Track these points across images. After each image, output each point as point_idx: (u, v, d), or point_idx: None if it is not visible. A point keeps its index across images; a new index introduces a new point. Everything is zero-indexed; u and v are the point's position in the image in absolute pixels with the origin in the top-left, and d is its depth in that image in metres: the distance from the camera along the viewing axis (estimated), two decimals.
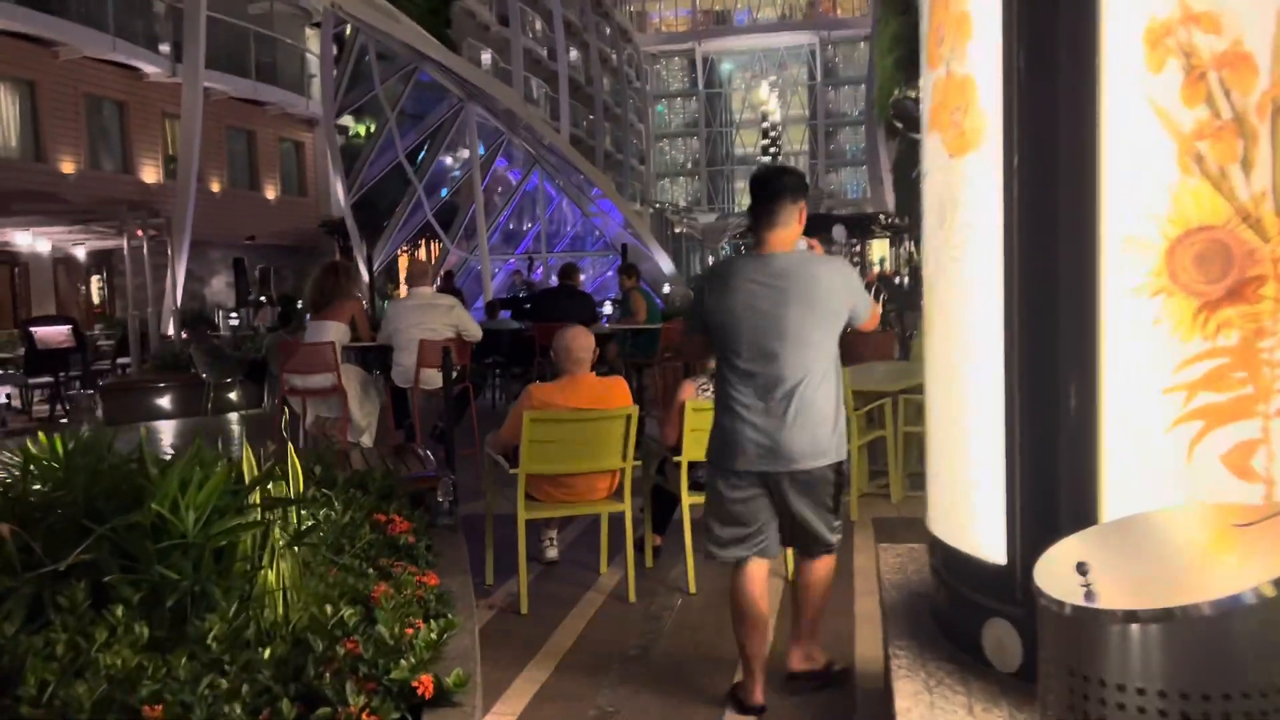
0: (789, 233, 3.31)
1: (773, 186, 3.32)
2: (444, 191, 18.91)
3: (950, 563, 2.62)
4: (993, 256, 2.33)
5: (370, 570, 3.40)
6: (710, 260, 43.57)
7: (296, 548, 3.16)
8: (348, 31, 15.66)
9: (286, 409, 7.36)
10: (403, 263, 30.14)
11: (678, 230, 46.09)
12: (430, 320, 7.41)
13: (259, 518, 3.05)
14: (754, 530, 3.35)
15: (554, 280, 11.11)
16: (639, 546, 5.18)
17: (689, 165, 67.41)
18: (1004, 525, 2.37)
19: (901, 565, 3.32)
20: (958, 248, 2.44)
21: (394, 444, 7.59)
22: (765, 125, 30.06)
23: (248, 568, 2.98)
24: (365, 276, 17.26)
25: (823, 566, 3.48)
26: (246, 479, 3.14)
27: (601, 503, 4.76)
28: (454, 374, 7.45)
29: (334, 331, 7.28)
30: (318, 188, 27.60)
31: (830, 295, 3.24)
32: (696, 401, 4.65)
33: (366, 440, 7.49)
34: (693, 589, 4.79)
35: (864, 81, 58.27)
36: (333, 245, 23.49)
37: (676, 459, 4.72)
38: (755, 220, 3.35)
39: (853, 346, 12.40)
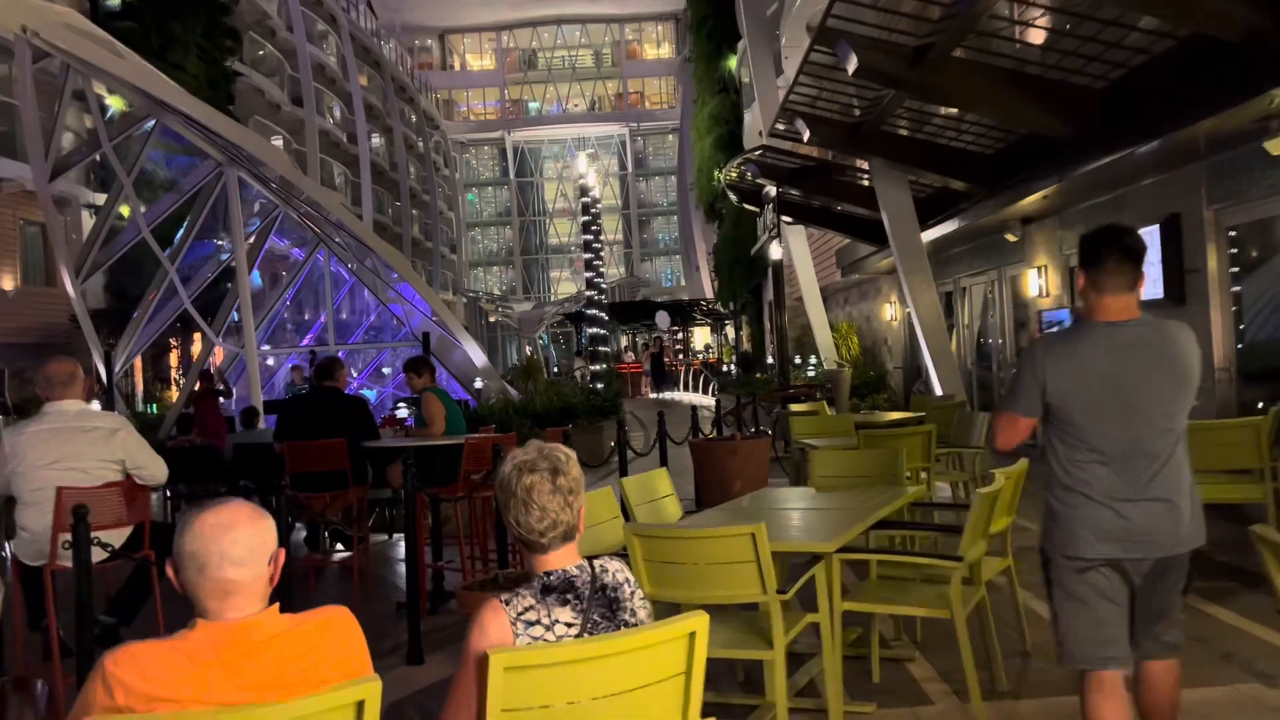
0: (1137, 298, 3.09)
1: (1134, 244, 3.06)
2: (208, 274, 15.74)
3: None
4: None
5: None
6: (529, 350, 41.44)
7: None
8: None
9: None
10: (172, 360, 26.27)
11: (492, 319, 43.92)
12: (75, 454, 4.53)
13: None
14: (1111, 630, 3.08)
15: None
16: None
17: (503, 254, 65.46)
18: None
19: None
20: None
21: (15, 675, 4.70)
22: (586, 200, 28.14)
23: None
24: (105, 380, 13.91)
25: (1172, 672, 3.15)
26: None
27: None
28: (119, 540, 4.70)
29: None
30: None
31: (1193, 364, 3.07)
32: (511, 654, 2.15)
33: None
34: None
35: (674, 173, 58.22)
36: (86, 342, 19.92)
37: None
38: (1101, 282, 3.07)
39: (720, 471, 8.72)
